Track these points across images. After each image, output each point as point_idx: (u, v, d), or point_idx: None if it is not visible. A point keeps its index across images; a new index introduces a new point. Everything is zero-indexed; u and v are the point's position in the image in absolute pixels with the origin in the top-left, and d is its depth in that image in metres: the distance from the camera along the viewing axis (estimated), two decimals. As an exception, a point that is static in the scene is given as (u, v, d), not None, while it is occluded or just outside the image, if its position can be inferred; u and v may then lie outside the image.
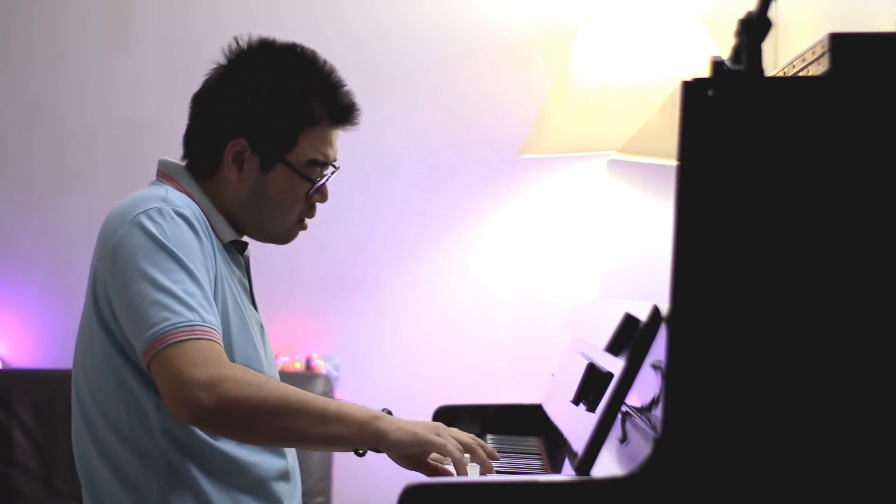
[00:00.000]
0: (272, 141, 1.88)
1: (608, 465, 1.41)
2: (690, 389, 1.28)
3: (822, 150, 1.29)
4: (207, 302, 1.72)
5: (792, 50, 2.61)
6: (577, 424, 1.66)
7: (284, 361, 3.35)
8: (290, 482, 1.91)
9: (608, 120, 2.97)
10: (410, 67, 3.42)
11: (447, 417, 2.26)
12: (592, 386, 1.60)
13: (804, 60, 1.40)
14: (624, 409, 1.48)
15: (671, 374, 1.28)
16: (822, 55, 1.31)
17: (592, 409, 1.57)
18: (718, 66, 1.31)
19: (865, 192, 1.28)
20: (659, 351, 1.35)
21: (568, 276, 3.34)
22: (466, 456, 1.76)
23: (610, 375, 1.55)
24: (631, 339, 1.46)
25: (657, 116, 1.72)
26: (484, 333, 3.38)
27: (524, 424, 2.34)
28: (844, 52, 1.29)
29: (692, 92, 1.30)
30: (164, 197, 1.80)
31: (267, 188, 1.90)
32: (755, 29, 1.32)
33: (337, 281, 3.43)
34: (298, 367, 3.37)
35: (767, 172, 1.29)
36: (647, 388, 1.39)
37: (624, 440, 1.42)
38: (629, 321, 1.48)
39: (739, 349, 1.28)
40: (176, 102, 2.31)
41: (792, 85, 1.33)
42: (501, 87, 3.38)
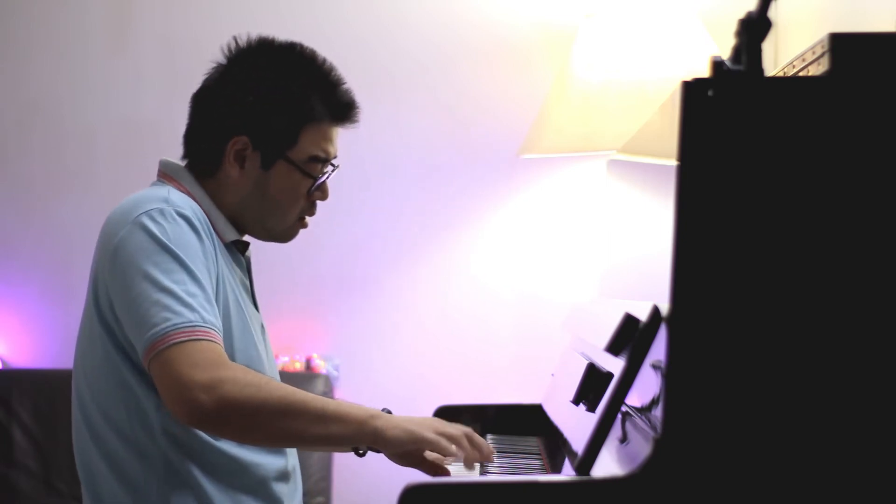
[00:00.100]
0: (273, 138, 1.89)
1: (608, 465, 1.41)
2: (690, 389, 1.28)
3: (822, 150, 1.29)
4: (209, 303, 1.73)
5: (792, 50, 2.61)
6: (577, 424, 1.66)
7: (284, 361, 3.34)
8: (290, 482, 1.91)
9: (608, 120, 2.97)
10: (410, 67, 3.41)
11: (447, 417, 2.23)
12: (592, 386, 1.60)
13: (804, 60, 1.40)
14: (624, 409, 1.48)
15: (671, 374, 1.29)
16: (822, 55, 1.32)
17: (592, 409, 1.57)
18: (718, 66, 1.31)
19: (865, 191, 1.28)
20: (659, 351, 1.35)
21: (568, 276, 3.34)
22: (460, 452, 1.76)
23: (610, 375, 1.55)
24: (631, 339, 1.46)
25: (657, 116, 1.72)
26: (484, 333, 3.38)
27: (524, 424, 2.34)
28: (844, 52, 1.29)
29: (692, 92, 1.30)
30: (165, 198, 1.80)
31: (268, 185, 1.90)
32: (755, 29, 1.32)
33: (337, 281, 3.43)
34: (298, 367, 3.36)
35: (767, 172, 1.29)
36: (647, 388, 1.39)
37: (624, 440, 1.42)
38: (629, 321, 1.48)
39: (739, 349, 1.28)
40: (176, 102, 2.30)
41: (792, 85, 1.33)
42: (501, 87, 3.38)
